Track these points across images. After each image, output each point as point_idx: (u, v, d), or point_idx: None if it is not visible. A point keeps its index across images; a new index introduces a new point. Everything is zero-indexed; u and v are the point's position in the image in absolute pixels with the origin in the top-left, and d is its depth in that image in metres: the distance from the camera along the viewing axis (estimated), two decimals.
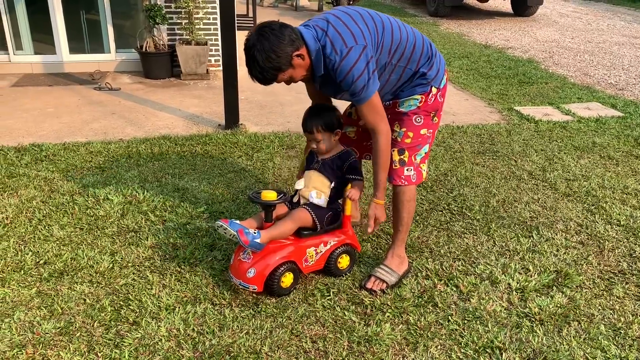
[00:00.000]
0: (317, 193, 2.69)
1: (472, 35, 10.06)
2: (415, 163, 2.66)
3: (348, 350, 2.28)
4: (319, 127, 2.61)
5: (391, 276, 2.68)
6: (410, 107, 2.59)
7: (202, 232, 3.12)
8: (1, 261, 2.80)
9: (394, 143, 2.62)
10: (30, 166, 3.94)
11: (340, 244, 2.72)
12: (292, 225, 2.59)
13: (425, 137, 2.67)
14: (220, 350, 2.26)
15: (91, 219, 3.23)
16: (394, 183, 2.68)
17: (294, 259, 2.58)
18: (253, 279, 2.48)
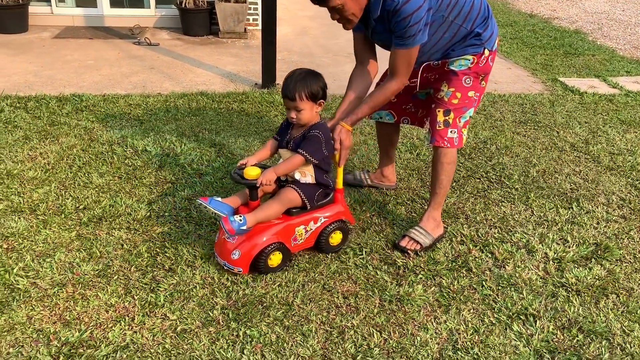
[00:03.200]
0: (300, 173, 2.47)
1: (517, 4, 9.71)
2: (459, 126, 2.59)
3: (379, 307, 2.29)
4: (303, 95, 2.34)
5: (425, 238, 2.66)
6: (461, 66, 2.52)
7: (238, 187, 3.14)
8: (43, 204, 2.88)
9: (440, 103, 2.57)
10: (70, 115, 4.01)
11: (332, 221, 2.55)
12: (279, 207, 2.41)
13: (472, 100, 2.59)
14: (254, 300, 2.29)
15: (129, 169, 3.28)
16: (435, 144, 2.61)
17: (282, 239, 2.42)
18: (238, 261, 2.36)
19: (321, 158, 2.43)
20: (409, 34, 2.28)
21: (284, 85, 2.37)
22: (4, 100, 4.18)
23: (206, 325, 2.16)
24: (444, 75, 2.56)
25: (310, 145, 2.39)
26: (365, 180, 3.20)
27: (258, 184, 2.31)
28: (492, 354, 2.07)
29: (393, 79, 2.46)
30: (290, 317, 2.21)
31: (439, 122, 2.58)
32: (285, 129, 2.54)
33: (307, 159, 2.39)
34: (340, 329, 2.16)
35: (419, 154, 3.68)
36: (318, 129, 2.42)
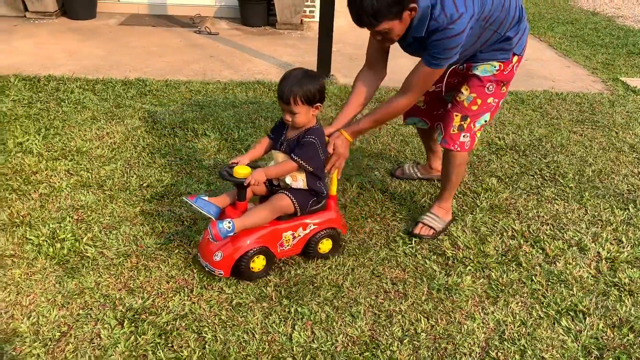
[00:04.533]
0: (291, 177, 2.36)
1: (579, 1, 9.41)
2: (473, 130, 2.57)
3: (427, 295, 2.33)
4: (297, 99, 2.20)
5: (438, 223, 2.71)
6: (486, 72, 2.46)
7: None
8: (110, 180, 3.05)
9: (459, 107, 2.53)
10: (135, 99, 4.20)
11: (322, 228, 2.45)
12: (269, 214, 2.32)
13: (490, 106, 2.54)
14: (305, 280, 2.38)
15: (190, 151, 3.43)
16: (446, 147, 2.61)
17: (267, 244, 2.33)
18: (220, 263, 2.28)
19: (316, 166, 2.34)
20: (444, 55, 2.21)
21: (278, 87, 2.24)
22: (74, 82, 4.42)
23: (260, 300, 2.26)
24: (467, 79, 2.51)
25: (306, 152, 2.28)
26: (415, 174, 3.23)
27: (246, 183, 2.20)
28: (538, 346, 2.09)
29: (403, 95, 2.38)
30: (339, 298, 2.29)
31: (454, 125, 2.55)
32: (281, 127, 2.41)
33: (302, 166, 2.30)
34: (388, 313, 2.22)
35: None
36: (314, 134, 2.31)
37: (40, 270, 2.35)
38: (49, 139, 3.50)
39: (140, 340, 2.04)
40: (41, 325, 2.08)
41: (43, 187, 2.95)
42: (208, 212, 2.30)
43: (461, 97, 2.52)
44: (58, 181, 3.02)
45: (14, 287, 2.26)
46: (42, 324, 2.08)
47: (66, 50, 5.30)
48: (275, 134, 2.43)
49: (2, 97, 4.06)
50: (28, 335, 2.03)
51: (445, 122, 2.59)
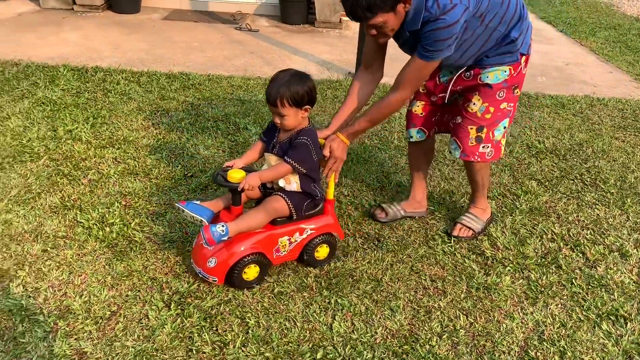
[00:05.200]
0: (285, 180, 2.31)
1: (623, 7, 9.22)
2: (493, 140, 2.51)
3: (466, 293, 2.35)
4: (285, 101, 2.14)
5: (477, 223, 2.71)
6: (497, 79, 2.39)
7: None
8: (156, 169, 3.15)
9: (472, 118, 2.47)
10: (179, 92, 4.31)
11: (319, 233, 2.39)
12: (264, 217, 2.26)
13: (506, 112, 2.49)
14: (344, 273, 2.42)
15: (232, 144, 3.51)
16: (466, 159, 2.57)
17: (263, 249, 2.27)
18: (214, 269, 2.21)
19: (309, 167, 2.29)
20: (436, 47, 2.17)
21: (267, 89, 2.19)
22: (119, 74, 4.56)
23: (300, 290, 2.31)
24: (477, 88, 2.44)
25: (298, 154, 2.24)
26: (399, 212, 2.83)
27: (240, 188, 2.15)
28: (578, 348, 2.09)
29: (396, 91, 2.34)
30: (378, 292, 2.33)
31: (471, 138, 2.50)
32: (273, 130, 2.36)
33: (295, 168, 2.25)
34: (427, 309, 2.25)
35: (511, 151, 3.66)
36: (306, 135, 2.25)
37: (91, 252, 2.45)
38: (97, 127, 3.62)
39: (186, 323, 2.11)
40: (92, 304, 2.17)
41: (92, 173, 3.07)
42: (200, 216, 2.22)
43: (473, 109, 2.46)
44: (106, 168, 3.13)
45: (67, 266, 2.36)
46: (94, 303, 2.17)
47: (112, 43, 5.45)
48: (268, 136, 2.38)
49: (52, 87, 4.21)
50: (80, 313, 2.12)
51: (461, 136, 2.53)
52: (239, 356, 1.99)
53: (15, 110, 3.79)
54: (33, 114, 3.75)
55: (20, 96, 4.02)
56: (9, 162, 3.14)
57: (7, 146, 3.31)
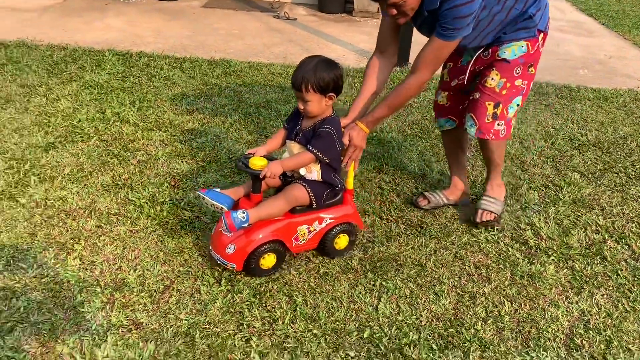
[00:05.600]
0: (305, 169, 2.29)
1: None
2: (507, 117, 2.49)
3: (510, 281, 2.37)
4: (310, 87, 2.13)
5: (496, 205, 2.70)
6: (514, 55, 2.38)
7: (370, 155, 3.32)
8: (201, 152, 3.23)
9: (490, 94, 2.44)
10: (220, 78, 4.39)
11: (338, 223, 2.37)
12: (284, 204, 2.24)
13: (520, 89, 2.46)
14: (388, 257, 2.46)
15: (274, 130, 3.56)
16: (481, 137, 2.53)
17: (282, 237, 2.25)
18: (232, 256, 2.21)
19: (332, 157, 2.27)
20: (455, 25, 2.14)
21: (293, 73, 2.19)
22: (163, 60, 4.66)
23: (345, 272, 2.36)
24: (495, 64, 2.42)
25: (322, 143, 2.21)
26: (441, 200, 2.85)
27: (262, 176, 2.14)
28: (625, 338, 2.09)
29: (415, 73, 2.30)
30: (423, 276, 2.36)
31: (488, 114, 2.47)
32: (296, 117, 2.34)
33: (319, 157, 2.23)
34: (471, 294, 2.28)
35: (553, 143, 3.63)
36: (330, 124, 2.23)
37: (143, 229, 2.54)
38: (143, 110, 3.72)
39: (237, 298, 2.18)
40: (146, 278, 2.25)
41: (141, 155, 3.16)
42: (221, 204, 2.22)
43: (491, 84, 2.43)
44: (154, 150, 3.22)
45: (120, 242, 2.45)
46: (147, 277, 2.26)
47: (154, 29, 5.56)
48: (291, 123, 2.36)
49: (99, 70, 4.33)
50: (135, 286, 2.21)
51: (478, 112, 2.49)
52: (287, 332, 2.05)
53: (65, 92, 3.91)
54: (81, 96, 3.87)
55: (68, 79, 4.15)
56: (60, 141, 3.25)
57: (59, 126, 3.42)
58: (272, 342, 2.00)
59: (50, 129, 3.39)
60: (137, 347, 1.94)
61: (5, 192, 2.74)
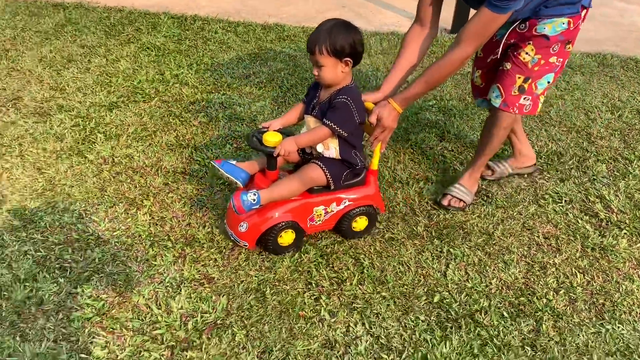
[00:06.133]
0: (323, 145, 2.14)
1: None
2: (534, 92, 2.33)
3: (581, 252, 2.31)
4: (324, 49, 1.96)
5: (467, 196, 2.53)
6: (554, 31, 2.20)
7: (431, 122, 3.26)
8: (260, 116, 3.23)
9: (522, 67, 2.28)
10: (274, 43, 4.35)
11: (358, 205, 2.24)
12: (299, 186, 2.11)
13: (553, 66, 2.30)
14: (454, 225, 2.43)
15: None
16: (504, 110, 2.36)
17: (297, 218, 2.15)
18: (245, 234, 2.12)
19: (350, 130, 2.09)
20: None
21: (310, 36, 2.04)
22: (217, 23, 4.64)
23: (411, 237, 2.34)
24: (531, 39, 2.24)
25: (338, 115, 2.04)
26: (507, 170, 2.77)
27: (275, 154, 2.02)
28: None
29: (458, 45, 2.11)
30: (491, 245, 2.32)
31: (515, 87, 2.31)
32: (314, 89, 2.19)
33: (335, 131, 2.06)
34: (541, 264, 2.23)
35: (620, 115, 3.49)
36: (346, 94, 2.05)
37: (209, 188, 2.57)
38: (201, 73, 3.73)
39: (304, 258, 2.19)
40: (215, 235, 2.28)
41: (202, 116, 3.18)
42: (236, 179, 2.13)
43: (526, 58, 2.27)
44: (214, 112, 3.23)
45: (188, 200, 2.48)
46: (216, 234, 2.29)
47: None
48: (308, 96, 2.22)
49: (155, 33, 4.35)
50: (205, 242, 2.24)
51: (505, 83, 2.33)
52: (355, 293, 2.05)
53: (123, 53, 3.95)
54: (140, 57, 3.90)
55: (126, 41, 4.18)
56: (123, 101, 3.30)
57: (120, 87, 3.47)
58: (341, 302, 2.01)
59: (112, 88, 3.43)
60: (210, 300, 1.98)
61: (73, 148, 2.80)
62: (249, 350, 1.80)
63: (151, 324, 1.88)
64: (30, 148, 2.79)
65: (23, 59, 3.75)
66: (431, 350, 1.84)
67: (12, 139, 2.85)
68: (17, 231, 2.24)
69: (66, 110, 3.15)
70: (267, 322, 1.91)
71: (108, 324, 1.86)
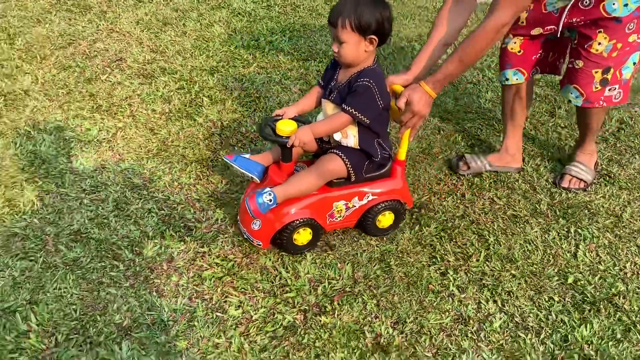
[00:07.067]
0: (341, 133, 1.93)
1: None
2: (622, 80, 2.09)
3: None
4: (347, 23, 1.74)
5: (587, 174, 2.38)
6: (628, 10, 1.92)
7: (539, 97, 3.11)
8: None
9: (596, 60, 2.04)
10: None
11: (383, 200, 2.02)
12: (317, 180, 1.91)
13: (635, 45, 2.03)
14: (579, 205, 2.32)
15: None
16: (590, 106, 2.15)
17: (314, 215, 1.94)
18: (258, 232, 1.94)
19: (373, 117, 1.86)
20: None
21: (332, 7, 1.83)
22: None
23: (535, 215, 2.25)
24: (601, 23, 1.97)
25: (359, 100, 1.82)
26: (485, 166, 2.48)
27: (289, 144, 1.83)
28: None
29: (491, 15, 1.87)
30: (620, 227, 2.20)
31: (595, 83, 2.07)
32: (332, 71, 1.96)
33: (356, 118, 1.84)
34: None
35: None
36: (368, 76, 1.82)
37: None
38: (295, 40, 3.68)
39: (425, 231, 2.14)
40: None
41: (301, 84, 3.14)
42: (251, 173, 1.98)
43: (598, 49, 2.02)
44: (313, 79, 3.19)
45: None
46: None
47: None
48: (325, 80, 2.00)
49: None
50: None
51: (583, 82, 2.10)
52: (484, 269, 1.99)
53: (216, 18, 3.94)
54: (232, 23, 3.88)
55: (217, 5, 4.16)
56: (223, 66, 3.29)
57: (218, 51, 3.46)
58: (469, 278, 1.95)
59: (211, 53, 3.43)
60: (335, 266, 1.96)
61: (181, 111, 2.82)
62: (382, 320, 1.78)
63: (281, 287, 1.88)
64: (140, 109, 2.82)
65: (120, 21, 3.79)
66: (570, 332, 1.76)
67: (122, 99, 2.89)
68: (138, 189, 2.28)
69: (169, 72, 3.17)
70: (396, 294, 1.88)
71: (239, 285, 1.87)
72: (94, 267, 1.90)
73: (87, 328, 1.69)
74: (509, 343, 1.73)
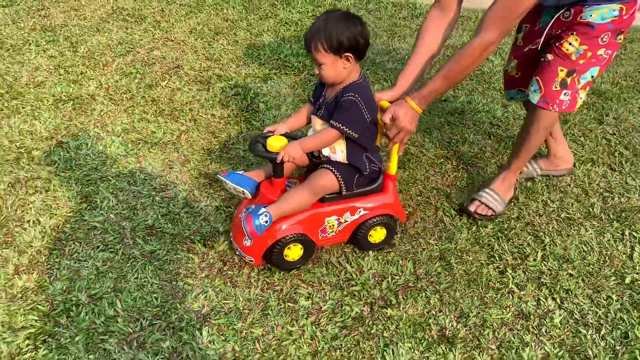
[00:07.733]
0: (329, 148, 1.94)
1: None
2: (576, 87, 2.07)
3: None
4: (319, 45, 1.77)
5: (498, 204, 2.28)
6: (603, 19, 1.94)
7: (587, 105, 3.16)
8: None
9: (566, 61, 2.02)
10: (408, 20, 4.34)
11: (375, 215, 2.03)
12: (309, 197, 1.92)
13: (600, 59, 2.03)
14: (631, 208, 2.36)
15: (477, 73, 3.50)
16: (543, 107, 2.10)
17: (306, 231, 1.95)
18: (250, 249, 1.95)
19: (361, 131, 1.88)
20: None
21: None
22: (347, 0, 4.69)
23: (588, 218, 2.31)
24: (577, 28, 1.98)
25: (346, 115, 1.83)
26: (535, 171, 2.53)
27: (279, 159, 1.84)
28: None
29: (479, 33, 1.89)
30: None
31: (557, 81, 2.05)
32: (321, 88, 1.98)
33: (344, 132, 1.85)
34: None
35: None
36: (354, 90, 1.84)
37: None
38: None
39: (482, 232, 2.21)
40: None
41: None
42: (243, 188, 1.98)
43: (569, 50, 2.01)
44: None
45: None
46: None
47: None
48: (315, 97, 2.02)
49: (290, 9, 4.46)
50: None
51: (546, 77, 2.07)
52: (541, 268, 2.05)
53: (264, 27, 4.08)
54: (280, 32, 4.02)
55: (264, 16, 4.31)
56: (275, 73, 3.42)
57: (269, 59, 3.59)
58: (527, 277, 2.02)
59: (262, 61, 3.56)
60: (397, 263, 2.05)
61: (239, 115, 2.95)
62: (446, 314, 1.86)
63: (346, 280, 1.97)
64: (200, 113, 2.96)
65: (174, 30, 3.96)
66: (630, 330, 1.81)
67: (182, 104, 3.04)
68: (205, 188, 2.41)
69: (225, 79, 3.31)
70: (458, 290, 1.95)
71: (307, 278, 1.97)
72: (170, 259, 2.03)
73: (169, 314, 1.81)
74: (570, 338, 1.79)
